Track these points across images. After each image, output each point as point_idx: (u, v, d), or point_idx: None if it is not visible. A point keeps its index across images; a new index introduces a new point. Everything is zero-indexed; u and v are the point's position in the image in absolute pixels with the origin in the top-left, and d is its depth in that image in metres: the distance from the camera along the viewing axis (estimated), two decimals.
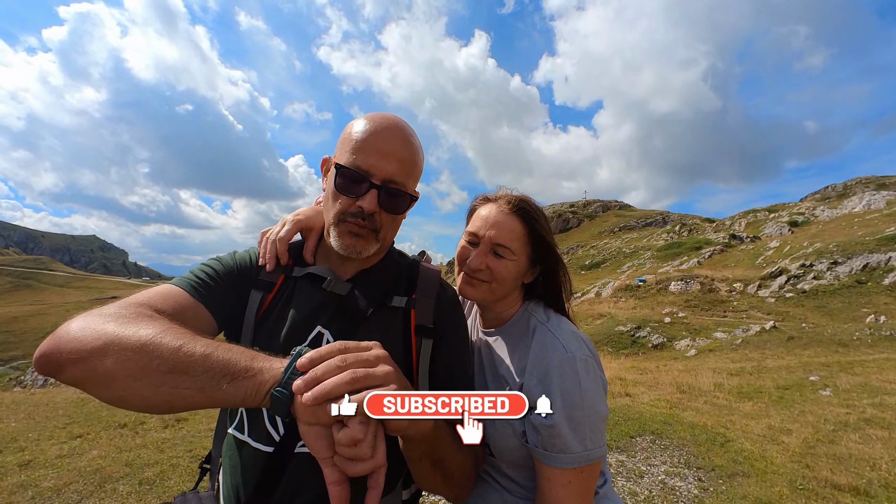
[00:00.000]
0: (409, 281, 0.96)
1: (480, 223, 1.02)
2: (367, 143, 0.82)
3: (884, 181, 50.39)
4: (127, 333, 0.60)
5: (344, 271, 0.93)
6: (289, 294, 0.89)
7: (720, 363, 9.47)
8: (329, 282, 0.88)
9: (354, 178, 0.82)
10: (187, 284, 0.81)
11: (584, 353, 0.91)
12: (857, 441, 4.00)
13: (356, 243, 0.85)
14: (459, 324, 0.97)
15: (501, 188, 1.09)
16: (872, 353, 8.79)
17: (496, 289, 1.02)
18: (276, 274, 0.91)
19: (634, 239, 54.69)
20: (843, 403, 5.31)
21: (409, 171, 0.86)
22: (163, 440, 4.09)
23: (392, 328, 0.89)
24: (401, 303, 0.91)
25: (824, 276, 18.28)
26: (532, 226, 1.02)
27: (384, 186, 0.83)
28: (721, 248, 32.81)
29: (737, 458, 3.70)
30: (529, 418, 0.90)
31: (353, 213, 0.84)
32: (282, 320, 0.86)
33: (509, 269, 1.01)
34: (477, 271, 1.00)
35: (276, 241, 0.93)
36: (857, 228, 23.19)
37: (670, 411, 5.17)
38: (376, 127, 0.84)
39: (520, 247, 1.01)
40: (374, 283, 0.92)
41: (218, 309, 0.82)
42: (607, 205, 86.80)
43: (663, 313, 19.25)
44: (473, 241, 1.03)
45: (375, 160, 0.82)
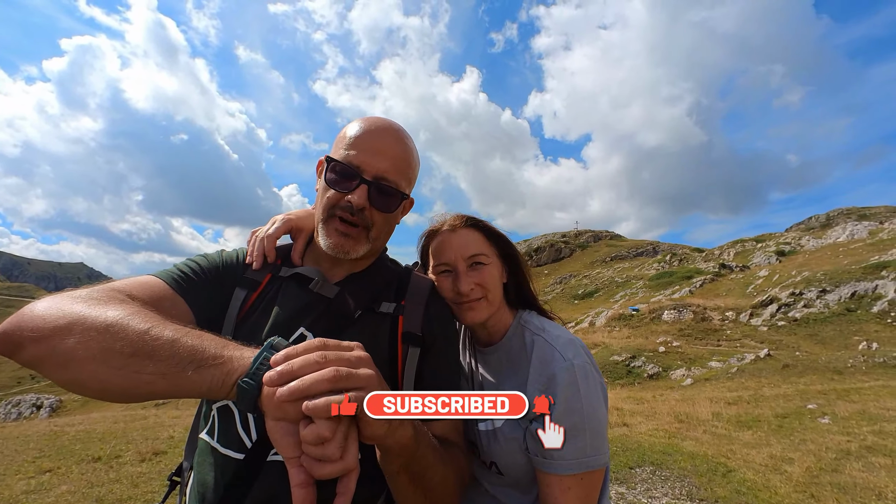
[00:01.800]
0: (400, 287, 0.93)
1: (445, 250, 1.02)
2: (360, 140, 0.82)
3: (864, 212, 51.93)
4: (93, 314, 0.56)
5: (333, 274, 0.90)
6: (274, 294, 0.86)
7: (717, 392, 9.34)
8: (316, 283, 0.85)
9: (345, 172, 0.82)
10: (168, 276, 0.78)
11: (582, 359, 0.90)
12: (860, 469, 3.90)
13: (344, 243, 0.83)
14: (450, 334, 0.94)
15: (434, 216, 1.12)
16: (868, 380, 8.74)
17: (493, 299, 1.01)
18: (263, 273, 0.88)
19: (626, 268, 55.10)
20: (843, 431, 5.22)
21: (401, 170, 0.86)
22: (138, 474, 3.86)
23: (379, 334, 0.85)
24: (389, 308, 0.88)
25: (814, 304, 18.42)
26: (485, 227, 1.05)
27: (375, 182, 0.82)
28: (712, 277, 33.11)
29: (740, 488, 3.57)
30: (530, 429, 0.88)
31: (342, 208, 0.82)
32: (264, 319, 0.83)
33: (493, 274, 1.02)
34: (470, 292, 0.98)
35: (264, 239, 0.90)
36: (842, 257, 23.61)
37: (669, 441, 5.04)
38: (370, 126, 0.85)
39: (488, 249, 1.03)
40: (363, 287, 0.89)
41: (198, 304, 0.78)
42: (598, 235, 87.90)
43: (657, 342, 19.12)
44: (446, 270, 1.02)
45: (367, 157, 0.82)
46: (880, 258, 19.76)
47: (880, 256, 20.18)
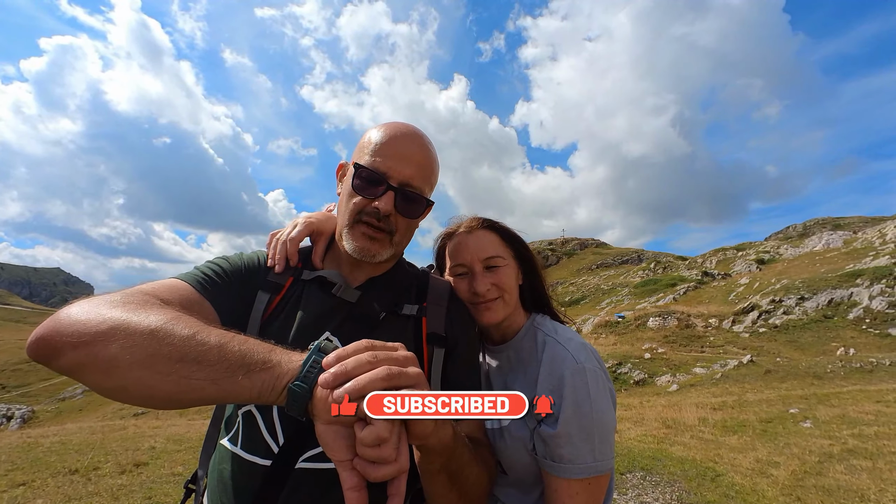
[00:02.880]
0: (420, 290, 0.94)
1: (461, 252, 1.03)
2: (385, 147, 0.83)
3: (839, 222, 53.70)
4: (136, 319, 0.55)
5: (354, 278, 0.91)
6: (297, 297, 0.86)
7: (702, 398, 9.48)
8: (339, 287, 0.86)
9: (372, 178, 0.82)
10: (193, 280, 0.78)
11: (594, 364, 0.90)
12: (843, 472, 3.99)
13: (371, 246, 0.84)
14: (471, 334, 0.95)
15: (451, 218, 1.13)
16: (846, 384, 8.98)
17: (509, 300, 1.02)
18: (285, 276, 0.88)
19: (612, 276, 55.81)
20: (825, 435, 5.33)
21: (425, 177, 0.87)
22: (118, 487, 3.73)
23: (403, 336, 0.86)
24: (412, 311, 0.89)
25: (793, 311, 18.90)
26: (501, 229, 1.07)
27: (401, 189, 0.83)
28: (695, 284, 33.72)
29: (728, 492, 3.62)
30: (538, 430, 0.88)
31: (369, 213, 0.83)
32: (289, 323, 0.83)
33: (509, 275, 1.03)
34: (486, 293, 0.99)
35: (287, 242, 0.90)
36: (819, 266, 24.32)
37: (658, 446, 5.08)
38: (395, 132, 0.86)
39: (504, 251, 1.05)
40: (384, 290, 0.90)
41: (223, 307, 0.78)
42: (585, 243, 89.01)
43: (643, 349, 19.34)
44: (462, 272, 1.03)
45: (393, 163, 0.83)
46: (855, 266, 20.41)
47: (855, 265, 20.85)
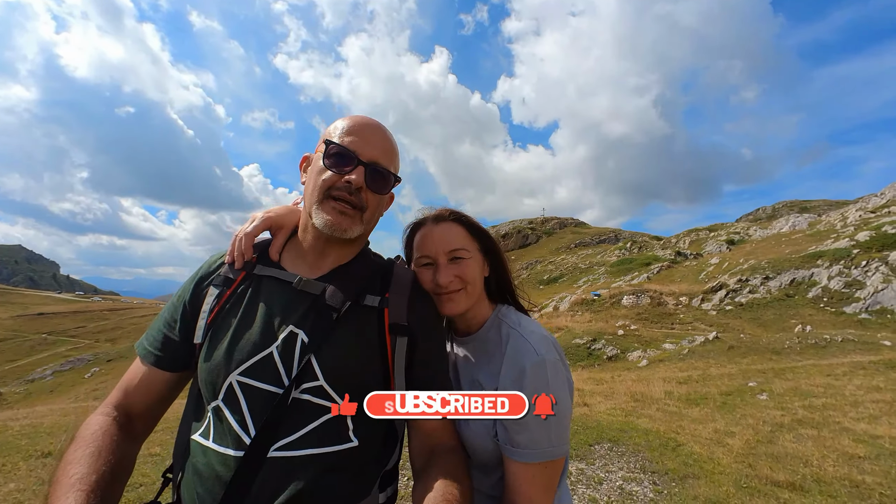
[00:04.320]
0: (383, 280, 0.96)
1: (427, 243, 1.06)
2: (353, 130, 0.88)
3: (805, 205, 55.88)
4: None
5: (318, 267, 0.92)
6: (253, 291, 0.88)
7: (670, 372, 9.95)
8: (299, 281, 0.87)
9: (343, 153, 0.86)
10: (140, 349, 0.90)
11: (553, 356, 0.95)
12: (791, 441, 4.31)
13: (342, 220, 0.86)
14: (435, 323, 0.98)
15: (420, 209, 1.15)
16: (801, 359, 9.58)
17: (472, 291, 1.04)
18: (237, 271, 0.90)
19: (589, 255, 56.96)
20: (778, 406, 5.72)
21: (390, 158, 0.92)
22: None
23: (367, 327, 0.88)
24: (374, 301, 0.91)
25: (758, 291, 19.82)
26: (468, 222, 1.09)
27: (370, 165, 0.87)
28: (668, 264, 34.82)
29: (687, 461, 3.87)
30: (499, 419, 0.93)
31: (340, 188, 0.86)
32: (246, 318, 0.84)
33: (473, 268, 1.05)
34: (449, 284, 1.01)
35: (243, 238, 0.91)
36: (784, 247, 25.40)
37: (626, 419, 5.35)
38: (361, 120, 0.92)
39: (470, 244, 1.07)
40: (347, 281, 0.91)
41: (180, 356, 0.89)
42: (564, 222, 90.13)
43: (617, 326, 20.02)
44: (428, 262, 1.05)
45: (362, 143, 0.88)
46: (817, 248, 21.41)
47: (817, 246, 21.87)
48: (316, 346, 0.81)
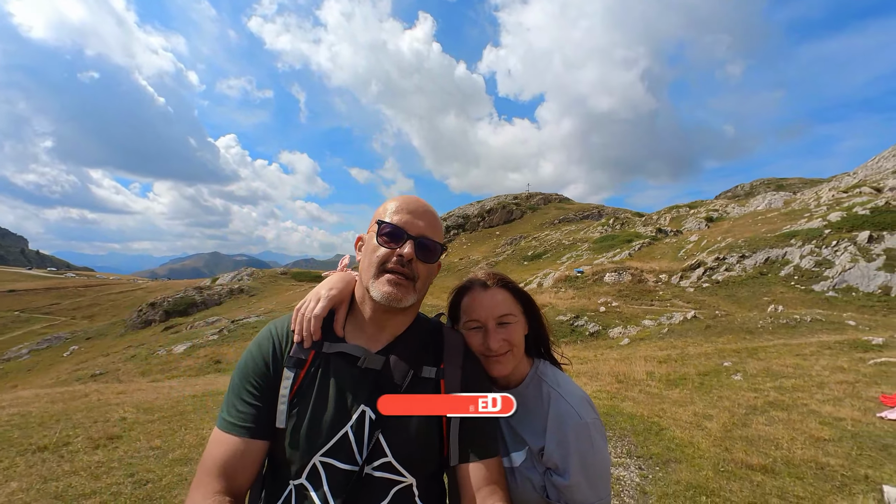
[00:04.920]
0: (436, 347, 1.04)
1: (476, 308, 1.14)
2: (401, 209, 0.98)
3: (781, 183, 57.29)
4: None
5: (377, 339, 1.00)
6: (324, 371, 0.95)
7: (650, 351, 10.40)
8: (363, 360, 0.95)
9: (394, 231, 0.95)
10: (228, 426, 0.91)
11: (593, 416, 1.05)
12: (763, 423, 4.63)
13: (397, 292, 0.93)
14: (486, 389, 1.05)
15: (472, 274, 1.24)
16: (772, 339, 10.11)
17: (517, 353, 1.14)
18: (307, 350, 0.95)
19: (573, 231, 57.73)
20: (752, 388, 6.08)
21: (435, 231, 1.01)
22: (96, 464, 3.73)
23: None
24: (431, 373, 0.99)
25: (734, 269, 20.58)
26: (514, 288, 1.20)
27: (419, 238, 0.96)
28: (649, 241, 35.64)
29: (670, 445, 4.13)
30: (551, 479, 1.04)
31: (394, 261, 0.94)
32: (322, 398, 0.91)
33: (518, 331, 1.15)
34: (499, 348, 1.10)
35: (312, 319, 0.97)
36: (760, 225, 26.23)
37: (611, 402, 5.62)
38: (406, 199, 1.00)
39: (515, 308, 1.17)
40: (405, 352, 0.99)
41: (266, 424, 0.92)
42: (548, 198, 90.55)
43: (599, 303, 20.60)
44: (476, 327, 1.13)
45: (410, 220, 0.96)
46: (791, 228, 22.18)
47: (791, 226, 22.65)
48: (383, 424, 0.90)
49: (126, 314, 44.15)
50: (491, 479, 0.97)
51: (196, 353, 17.77)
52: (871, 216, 19.62)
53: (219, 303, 42.82)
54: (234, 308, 40.00)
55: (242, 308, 38.99)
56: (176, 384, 9.95)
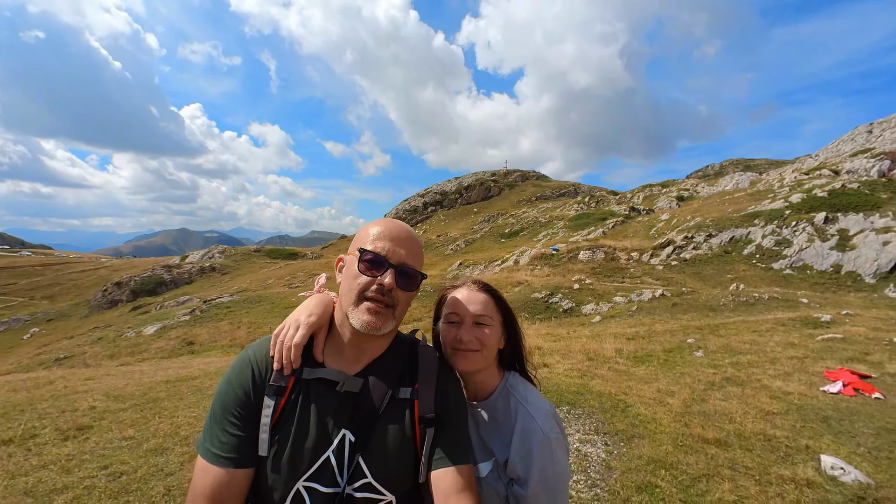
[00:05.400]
0: (412, 367, 1.07)
1: (458, 304, 1.20)
2: (382, 236, 0.99)
3: (749, 163, 59.23)
4: None
5: (356, 361, 1.02)
6: (304, 397, 0.97)
7: (620, 328, 10.83)
8: (342, 384, 0.97)
9: (375, 260, 0.96)
10: (213, 457, 0.91)
11: (556, 432, 1.10)
12: (720, 399, 4.95)
13: (376, 320, 0.95)
14: (460, 409, 1.10)
15: (457, 277, 1.26)
16: (733, 316, 10.69)
17: (487, 356, 1.18)
18: (287, 378, 0.96)
19: (549, 209, 58.38)
20: (711, 364, 6.46)
21: (416, 258, 1.02)
22: (67, 457, 3.67)
23: (402, 420, 1.01)
24: (406, 394, 1.03)
25: (701, 247, 21.41)
26: (497, 296, 1.25)
27: (399, 267, 0.97)
28: (622, 219, 36.49)
29: (634, 421, 4.38)
30: (512, 489, 1.10)
31: (374, 290, 0.95)
32: (304, 425, 0.94)
33: (492, 336, 1.19)
34: (469, 342, 1.15)
35: (292, 348, 0.97)
36: (727, 205, 27.21)
37: (581, 381, 5.88)
38: (387, 224, 1.01)
39: (494, 314, 1.22)
40: (383, 374, 1.02)
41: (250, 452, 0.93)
42: (526, 175, 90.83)
43: (573, 280, 21.14)
44: (454, 320, 1.19)
45: (391, 247, 0.97)
46: (755, 208, 23.12)
47: (755, 206, 23.60)
48: (362, 446, 0.94)
49: (90, 294, 42.41)
50: (463, 485, 1.00)
51: (167, 335, 17.36)
52: (828, 198, 20.64)
53: (189, 281, 41.63)
54: (207, 287, 39.00)
55: (215, 287, 38.06)
56: (147, 368, 9.74)
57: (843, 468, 3.28)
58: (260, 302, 21.75)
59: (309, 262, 53.13)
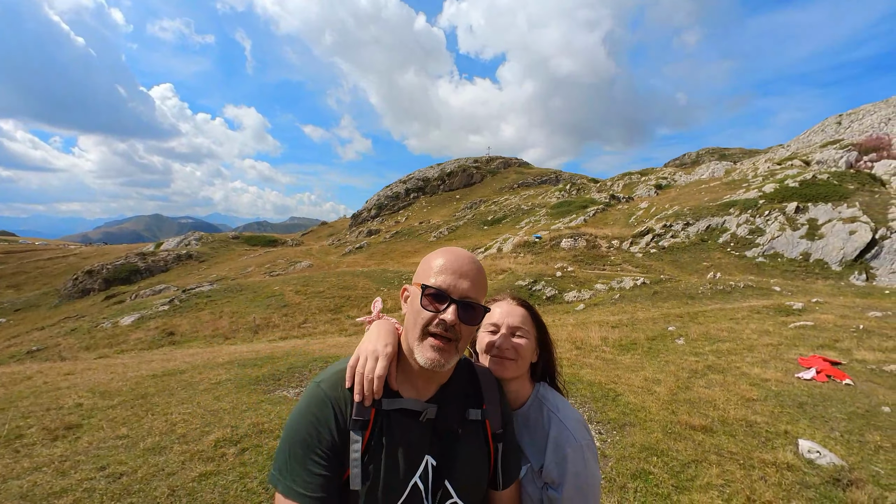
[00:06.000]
0: (475, 389, 1.14)
1: (497, 315, 1.29)
2: (445, 269, 0.99)
3: (724, 152, 60.75)
4: None
5: (426, 388, 1.06)
6: (388, 427, 1.00)
7: (603, 316, 11.13)
8: (424, 414, 1.02)
9: (437, 295, 0.97)
10: (299, 497, 0.92)
11: (588, 439, 1.19)
12: (703, 386, 5.19)
13: (440, 357, 0.97)
14: (512, 424, 1.20)
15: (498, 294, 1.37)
16: (710, 304, 11.13)
17: (521, 365, 1.26)
18: (367, 410, 0.98)
19: (531, 196, 58.80)
20: (693, 352, 6.74)
21: (479, 290, 1.03)
22: (60, 458, 3.58)
23: (476, 440, 1.08)
24: (477, 416, 1.09)
25: (679, 235, 22.04)
26: (533, 311, 1.34)
27: (461, 301, 0.98)
28: (603, 207, 37.12)
29: (625, 410, 4.56)
30: (547, 493, 1.17)
31: (437, 325, 0.97)
32: (392, 455, 0.98)
33: (527, 348, 1.27)
34: (505, 350, 1.23)
35: (374, 380, 0.99)
36: (703, 194, 27.98)
37: (571, 370, 6.05)
38: (451, 255, 1.02)
39: (530, 327, 1.30)
40: (452, 399, 1.08)
41: (335, 489, 0.95)
42: (508, 162, 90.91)
43: (556, 268, 21.52)
44: (493, 330, 1.27)
45: (453, 280, 0.98)
46: (731, 197, 23.85)
47: (731, 195, 24.34)
48: (448, 470, 1.00)
49: (59, 283, 40.75)
50: (517, 498, 1.18)
51: (146, 325, 16.92)
52: (799, 188, 21.47)
53: (165, 269, 40.45)
54: (184, 275, 37.99)
55: (192, 275, 37.10)
56: (129, 361, 9.50)
57: (819, 451, 3.52)
58: (241, 291, 21.35)
59: (290, 250, 52.27)
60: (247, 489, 3.13)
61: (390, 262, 36.01)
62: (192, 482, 3.19)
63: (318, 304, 18.56)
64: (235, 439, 3.93)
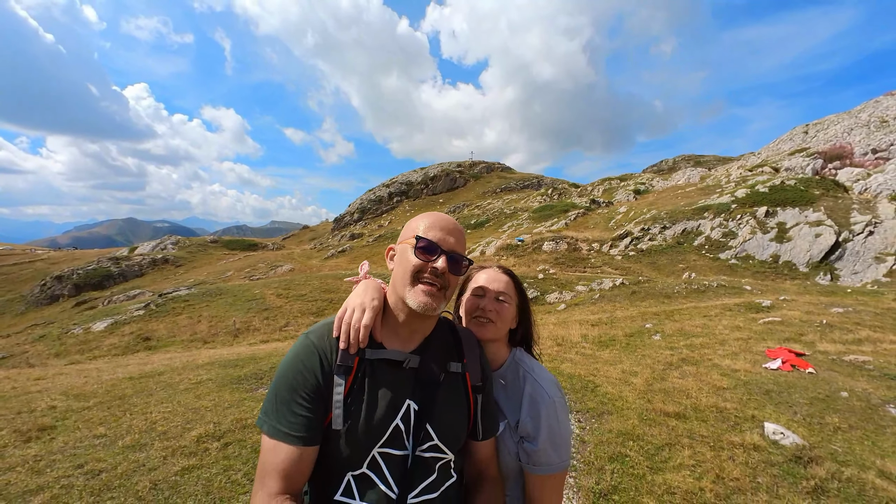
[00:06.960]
0: (456, 344, 1.21)
1: (483, 280, 1.38)
2: (433, 226, 1.10)
3: (699, 159, 62.73)
4: None
5: (410, 340, 1.14)
6: (370, 374, 1.07)
7: (584, 315, 11.38)
8: (407, 362, 1.09)
9: (429, 246, 1.08)
10: (283, 435, 0.99)
11: (560, 397, 1.28)
12: (677, 377, 5.40)
13: (431, 301, 1.06)
14: (491, 380, 1.29)
15: (485, 262, 1.44)
16: (686, 302, 11.50)
17: (500, 328, 1.35)
18: (352, 357, 1.06)
19: (514, 200, 59.45)
20: (668, 346, 6.98)
21: (462, 246, 1.14)
22: (34, 458, 3.50)
23: (456, 390, 1.16)
24: (457, 368, 1.17)
25: (656, 238, 22.66)
26: (516, 280, 1.43)
27: (450, 253, 1.09)
28: (583, 211, 37.81)
29: (603, 400, 4.71)
30: (523, 446, 1.26)
31: (428, 273, 1.07)
32: (373, 400, 1.04)
33: (509, 312, 1.36)
34: (488, 311, 1.32)
35: (360, 329, 1.07)
36: (680, 199, 28.84)
37: (552, 364, 6.19)
38: (436, 217, 1.13)
39: (513, 294, 1.39)
40: (435, 352, 1.16)
41: (318, 430, 1.02)
42: (491, 166, 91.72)
43: (538, 270, 21.81)
44: (479, 294, 1.36)
45: (442, 236, 1.09)
46: (705, 202, 24.66)
47: (705, 200, 25.16)
48: (428, 414, 1.08)
49: (25, 289, 39.07)
50: (493, 450, 1.26)
51: (120, 331, 16.40)
52: (769, 193, 22.37)
53: (140, 274, 39.26)
54: (160, 280, 36.96)
55: (169, 280, 36.14)
56: (103, 365, 9.23)
57: (783, 433, 3.72)
58: (220, 294, 20.92)
59: (270, 253, 51.40)
60: (231, 481, 3.13)
61: (373, 266, 35.85)
62: (175, 476, 3.17)
63: (300, 307, 18.33)
64: (218, 434, 3.91)
